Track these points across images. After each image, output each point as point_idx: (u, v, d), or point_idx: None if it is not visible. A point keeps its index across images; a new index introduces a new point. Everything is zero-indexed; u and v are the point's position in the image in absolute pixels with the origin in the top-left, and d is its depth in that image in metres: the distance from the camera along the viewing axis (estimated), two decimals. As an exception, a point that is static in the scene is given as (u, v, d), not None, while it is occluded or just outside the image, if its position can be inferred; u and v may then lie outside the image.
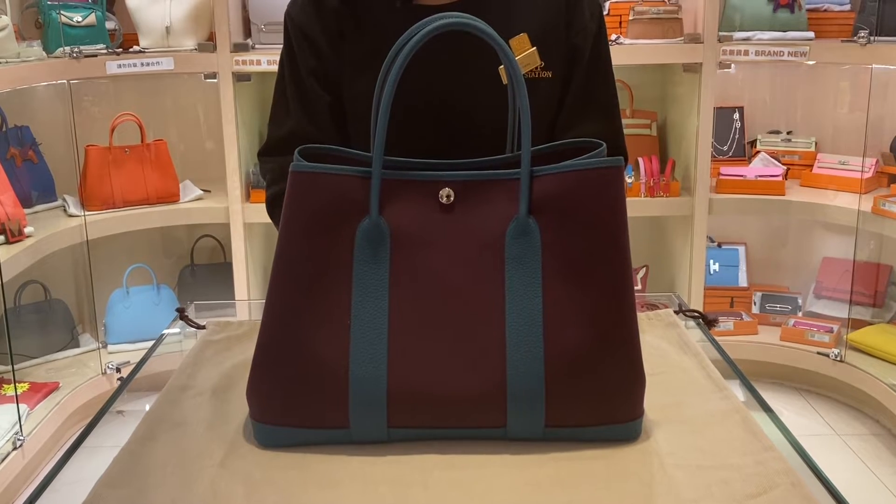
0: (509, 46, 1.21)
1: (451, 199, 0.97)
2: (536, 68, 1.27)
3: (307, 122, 1.35)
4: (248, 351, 1.03)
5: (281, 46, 1.39)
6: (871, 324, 3.18)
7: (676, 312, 1.37)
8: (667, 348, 1.24)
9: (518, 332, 0.94)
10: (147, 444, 1.00)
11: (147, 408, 1.09)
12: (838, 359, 3.05)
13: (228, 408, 1.08)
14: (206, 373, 1.18)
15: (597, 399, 0.96)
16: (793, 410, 3.09)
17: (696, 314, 1.37)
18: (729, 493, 0.88)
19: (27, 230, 2.75)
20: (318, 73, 1.34)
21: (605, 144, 0.98)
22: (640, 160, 3.14)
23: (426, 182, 0.97)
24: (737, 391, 1.12)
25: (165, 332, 1.40)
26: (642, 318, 1.32)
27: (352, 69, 1.33)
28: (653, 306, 1.41)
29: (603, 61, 1.36)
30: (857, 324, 3.18)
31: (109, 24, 3.14)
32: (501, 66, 1.22)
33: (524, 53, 1.24)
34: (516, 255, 0.96)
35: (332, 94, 1.35)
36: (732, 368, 1.22)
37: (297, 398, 0.96)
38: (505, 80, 1.20)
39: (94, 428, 1.09)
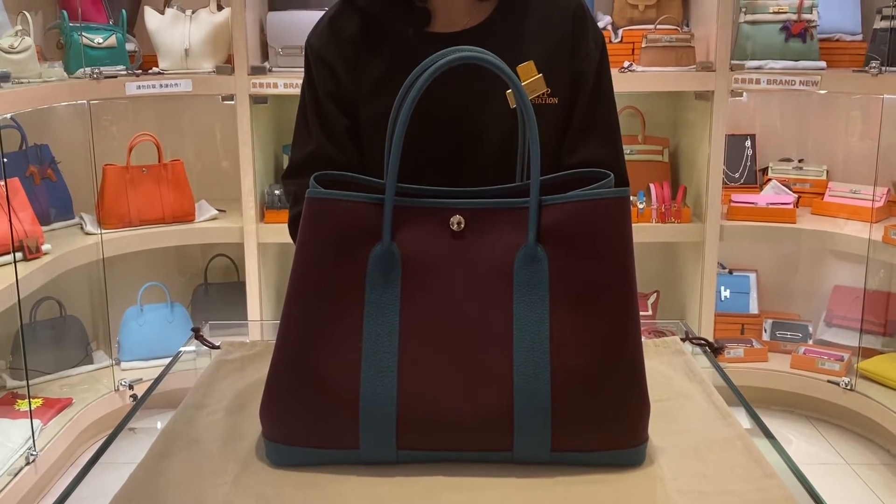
0: (516, 73, 1.25)
1: (462, 226, 1.00)
2: (543, 94, 1.31)
3: (328, 143, 1.39)
4: (261, 371, 1.05)
5: (297, 69, 1.44)
6: (881, 353, 3.18)
7: (683, 340, 1.39)
8: (673, 375, 1.25)
9: (525, 357, 0.96)
10: (162, 460, 1.02)
11: (159, 425, 1.12)
12: (849, 387, 3.05)
13: (242, 426, 1.10)
14: (220, 392, 1.21)
15: (602, 424, 0.98)
16: (802, 439, 3.09)
17: (703, 342, 1.39)
18: (730, 519, 0.90)
19: (44, 247, 2.79)
20: (335, 96, 1.39)
21: (612, 175, 1.01)
22: (652, 186, 3.16)
23: (437, 209, 1.00)
24: (742, 419, 1.14)
25: (182, 349, 1.43)
26: (649, 344, 1.34)
27: (366, 93, 1.37)
28: (660, 333, 1.42)
29: (605, 88, 1.40)
30: (867, 352, 3.18)
31: (129, 46, 3.19)
32: (510, 91, 1.26)
33: (531, 80, 1.27)
34: (525, 282, 0.98)
35: (349, 117, 1.39)
36: (737, 396, 1.24)
37: (308, 418, 0.98)
38: (513, 105, 1.24)
39: (111, 443, 1.12)
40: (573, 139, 1.38)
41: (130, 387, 3.07)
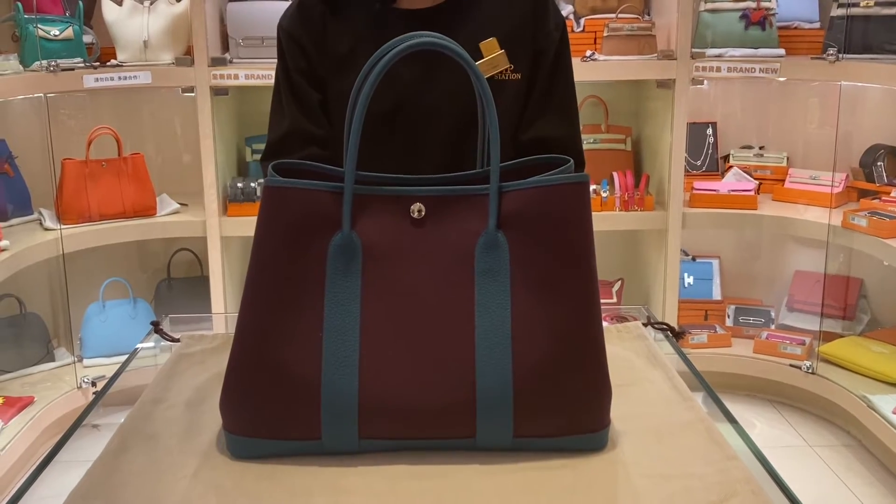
0: (480, 51, 1.29)
1: (423, 213, 0.99)
2: (505, 70, 1.34)
3: (302, 118, 1.40)
4: (222, 364, 1.04)
5: (259, 60, 1.44)
6: (842, 336, 3.22)
7: (645, 325, 1.40)
8: (635, 360, 1.26)
9: (487, 344, 0.96)
10: (120, 456, 1.01)
11: (122, 421, 1.10)
12: (810, 371, 3.09)
13: (202, 419, 1.09)
14: (179, 385, 1.19)
15: (564, 410, 0.98)
16: (765, 422, 3.12)
17: (665, 326, 1.40)
18: (691, 502, 0.91)
19: (2, 243, 2.74)
20: (306, 72, 1.40)
21: (572, 161, 1.01)
22: (615, 175, 3.17)
23: (398, 197, 0.99)
24: (703, 402, 1.15)
25: (140, 345, 1.41)
26: (611, 330, 1.35)
27: (335, 69, 1.39)
28: (622, 318, 1.43)
29: (563, 67, 1.42)
30: (828, 336, 3.22)
31: (87, 38, 3.13)
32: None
33: (493, 55, 1.32)
34: (486, 269, 0.98)
35: (321, 92, 1.41)
36: (698, 380, 1.25)
37: (269, 410, 0.97)
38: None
39: (67, 441, 1.10)
40: (530, 114, 1.40)
41: (93, 384, 3.03)
